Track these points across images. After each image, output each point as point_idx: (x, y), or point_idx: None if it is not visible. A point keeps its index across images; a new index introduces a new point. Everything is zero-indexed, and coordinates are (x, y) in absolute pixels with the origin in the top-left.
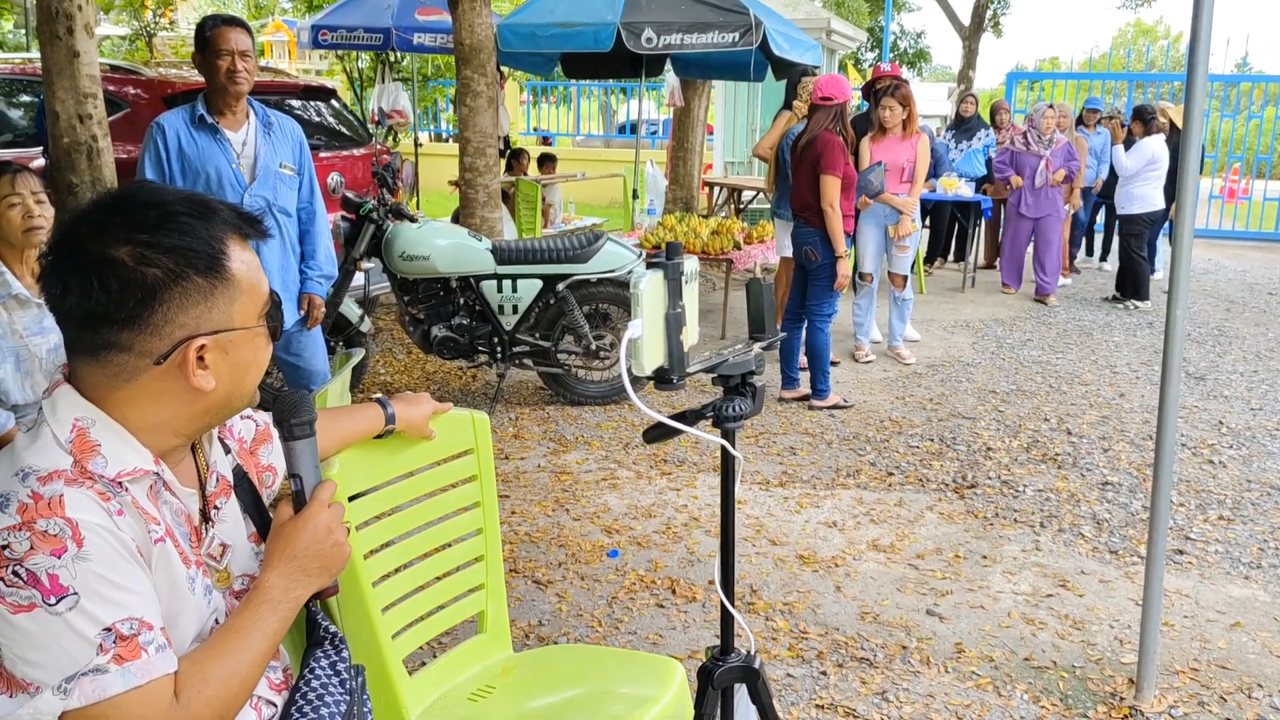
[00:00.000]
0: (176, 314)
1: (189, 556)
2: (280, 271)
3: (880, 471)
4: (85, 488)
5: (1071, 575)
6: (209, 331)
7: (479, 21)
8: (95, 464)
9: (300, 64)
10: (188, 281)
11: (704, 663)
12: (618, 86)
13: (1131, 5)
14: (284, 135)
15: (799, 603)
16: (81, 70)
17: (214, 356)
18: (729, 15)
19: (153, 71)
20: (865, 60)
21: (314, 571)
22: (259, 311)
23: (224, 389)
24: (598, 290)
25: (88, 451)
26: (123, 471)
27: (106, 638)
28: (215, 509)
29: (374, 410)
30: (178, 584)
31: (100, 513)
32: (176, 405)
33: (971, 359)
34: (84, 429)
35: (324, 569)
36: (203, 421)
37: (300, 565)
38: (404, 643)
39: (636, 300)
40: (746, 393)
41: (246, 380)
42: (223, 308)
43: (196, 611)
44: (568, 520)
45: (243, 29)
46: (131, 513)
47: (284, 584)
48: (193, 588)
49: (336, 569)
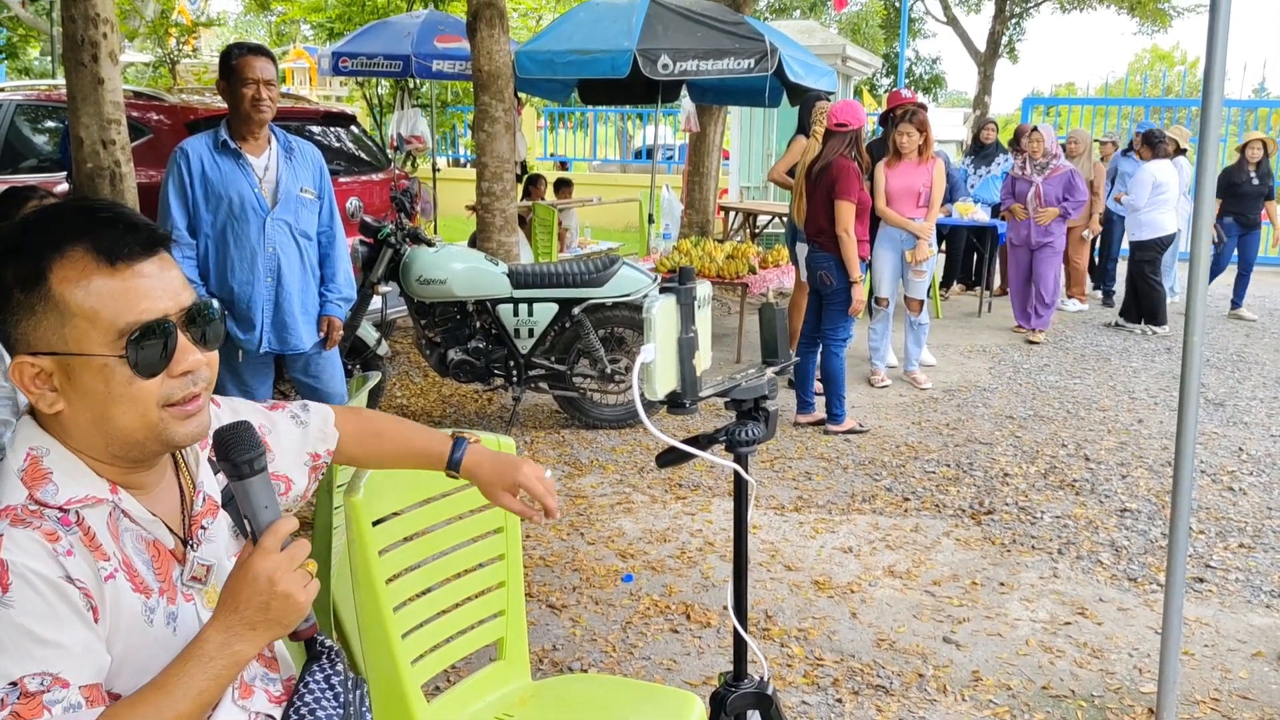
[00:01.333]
0: (12, 330)
1: (150, 586)
2: (300, 294)
3: (896, 497)
4: (31, 528)
5: (1090, 603)
6: (33, 350)
7: (497, 48)
8: (45, 492)
9: (321, 90)
10: (9, 297)
11: (716, 689)
12: (634, 112)
13: (1148, 31)
14: (305, 160)
15: (814, 629)
16: (106, 97)
17: (61, 380)
18: (744, 42)
19: (176, 97)
20: (881, 86)
21: (259, 625)
22: (109, 340)
23: (83, 416)
24: (613, 314)
25: (39, 479)
26: (73, 499)
27: (10, 692)
28: (201, 529)
29: (442, 445)
30: (132, 619)
31: (42, 557)
32: (73, 432)
33: (988, 384)
34: (37, 457)
35: (272, 622)
36: (112, 452)
37: (241, 618)
38: (423, 669)
39: (649, 325)
40: (759, 417)
41: (109, 413)
42: (51, 329)
43: (160, 643)
44: (582, 544)
45: (267, 58)
46: (81, 551)
47: (221, 638)
48: (149, 619)
49: (288, 621)
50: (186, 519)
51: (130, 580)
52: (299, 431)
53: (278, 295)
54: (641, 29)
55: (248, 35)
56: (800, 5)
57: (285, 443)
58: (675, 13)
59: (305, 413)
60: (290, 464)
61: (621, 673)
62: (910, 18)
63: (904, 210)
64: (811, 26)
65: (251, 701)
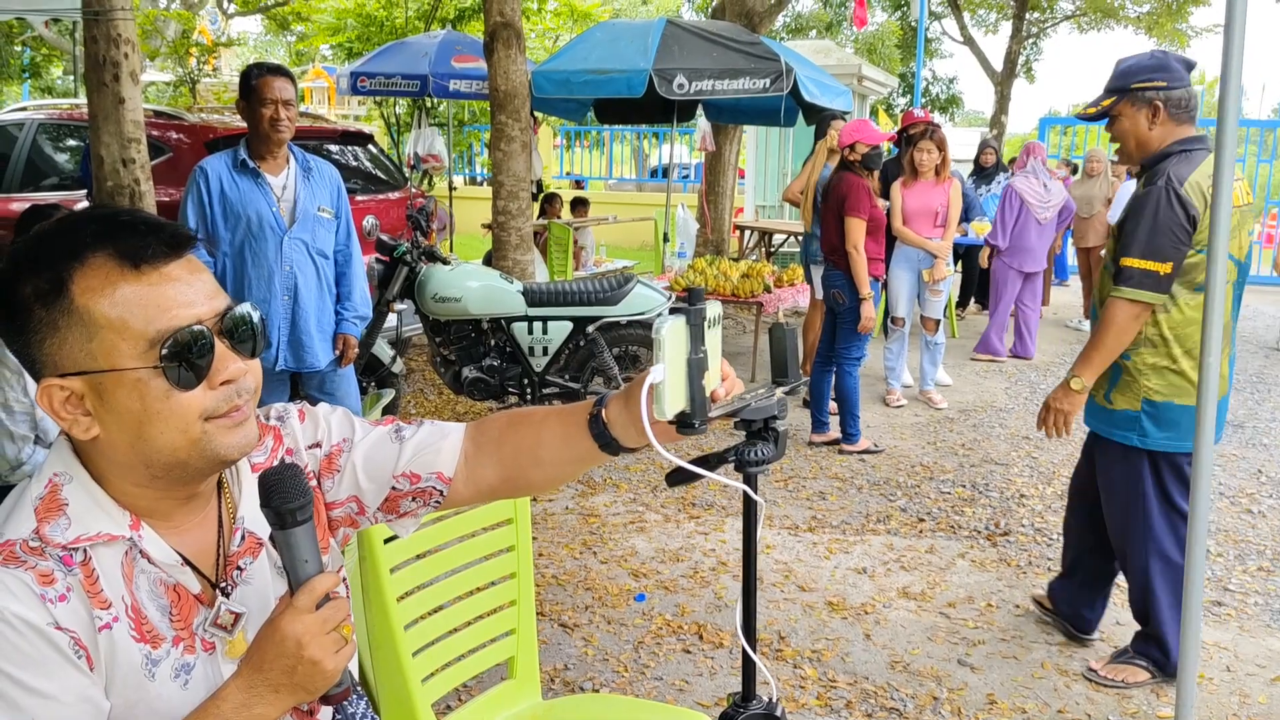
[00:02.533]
0: (35, 352)
1: (161, 635)
2: (316, 312)
3: (911, 517)
4: (23, 568)
5: (1106, 625)
6: (61, 373)
7: (514, 68)
8: (53, 528)
9: (339, 109)
10: (30, 316)
11: (724, 710)
12: (650, 131)
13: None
14: (322, 180)
15: (828, 650)
16: (126, 116)
17: (93, 402)
18: (760, 62)
19: (195, 117)
20: (897, 105)
21: (283, 689)
22: (140, 352)
23: (120, 438)
24: (627, 332)
25: (52, 512)
26: (83, 536)
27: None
28: (238, 570)
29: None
30: (130, 672)
31: (30, 602)
32: (110, 456)
33: (1004, 404)
34: (57, 485)
35: (297, 687)
36: (152, 475)
37: (265, 680)
38: (433, 687)
39: (658, 345)
40: (769, 437)
41: (147, 432)
42: (77, 345)
43: (164, 699)
44: (595, 563)
45: (287, 78)
46: (78, 597)
47: (241, 698)
48: (150, 673)
49: (314, 688)
50: (222, 559)
51: (136, 629)
52: (392, 447)
53: (294, 313)
54: (657, 49)
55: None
56: (816, 25)
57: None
58: (691, 33)
59: (418, 429)
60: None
61: (633, 693)
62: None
63: (921, 230)
64: (828, 46)
65: None
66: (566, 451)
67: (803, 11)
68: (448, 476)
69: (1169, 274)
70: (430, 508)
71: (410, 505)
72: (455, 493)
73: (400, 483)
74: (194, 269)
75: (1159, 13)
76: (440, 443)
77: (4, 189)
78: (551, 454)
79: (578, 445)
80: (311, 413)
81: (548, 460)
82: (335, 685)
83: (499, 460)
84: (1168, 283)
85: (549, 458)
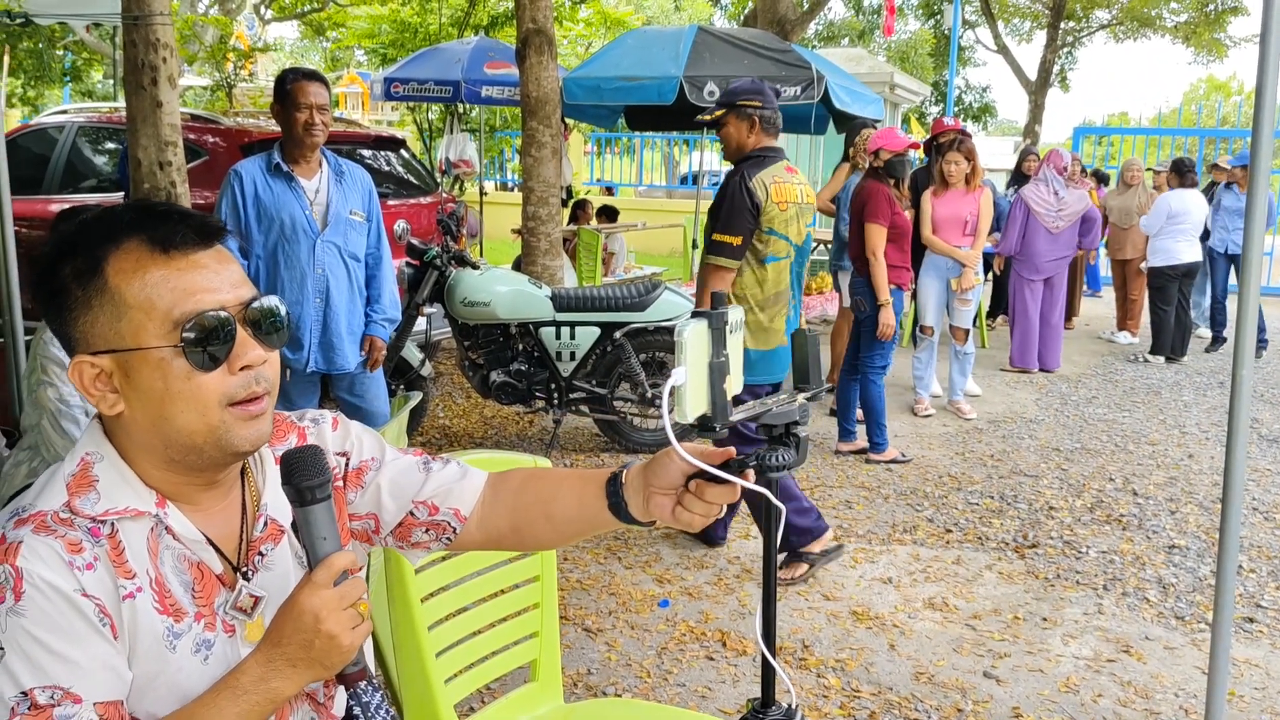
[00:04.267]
0: (71, 329)
1: (183, 609)
2: (347, 315)
3: (938, 528)
4: (54, 536)
5: (1135, 641)
6: (93, 350)
7: (545, 75)
8: (84, 501)
9: (372, 114)
10: (68, 295)
11: (744, 715)
12: (680, 138)
13: (1203, 61)
14: (355, 183)
15: (851, 660)
16: (164, 119)
17: (120, 380)
18: (792, 69)
19: (231, 121)
20: (929, 114)
21: (300, 663)
22: (164, 332)
23: (142, 417)
24: (654, 339)
25: (83, 488)
26: (111, 509)
27: (21, 702)
28: (260, 555)
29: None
30: (152, 643)
31: (59, 567)
32: (134, 435)
33: (1034, 415)
34: (89, 463)
35: (314, 662)
36: (170, 457)
37: (283, 654)
38: (456, 688)
39: (680, 348)
40: (790, 442)
41: (167, 411)
42: (108, 324)
43: (185, 671)
44: (619, 568)
45: (321, 83)
46: (105, 566)
47: (259, 672)
48: (172, 644)
49: (331, 663)
50: (244, 544)
51: (159, 601)
52: (418, 475)
53: (326, 316)
54: (689, 56)
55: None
56: (849, 33)
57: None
58: (722, 40)
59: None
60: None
61: (655, 699)
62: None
63: (950, 239)
64: (859, 54)
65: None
66: (578, 510)
67: (835, 20)
68: (464, 515)
69: (739, 245)
70: (441, 544)
71: (422, 536)
72: (468, 533)
73: (419, 510)
74: (222, 259)
75: (1197, 22)
76: (463, 482)
77: (44, 190)
78: (563, 511)
79: (590, 505)
80: (345, 424)
81: (558, 517)
82: (352, 664)
83: (513, 509)
84: (740, 252)
85: (560, 514)
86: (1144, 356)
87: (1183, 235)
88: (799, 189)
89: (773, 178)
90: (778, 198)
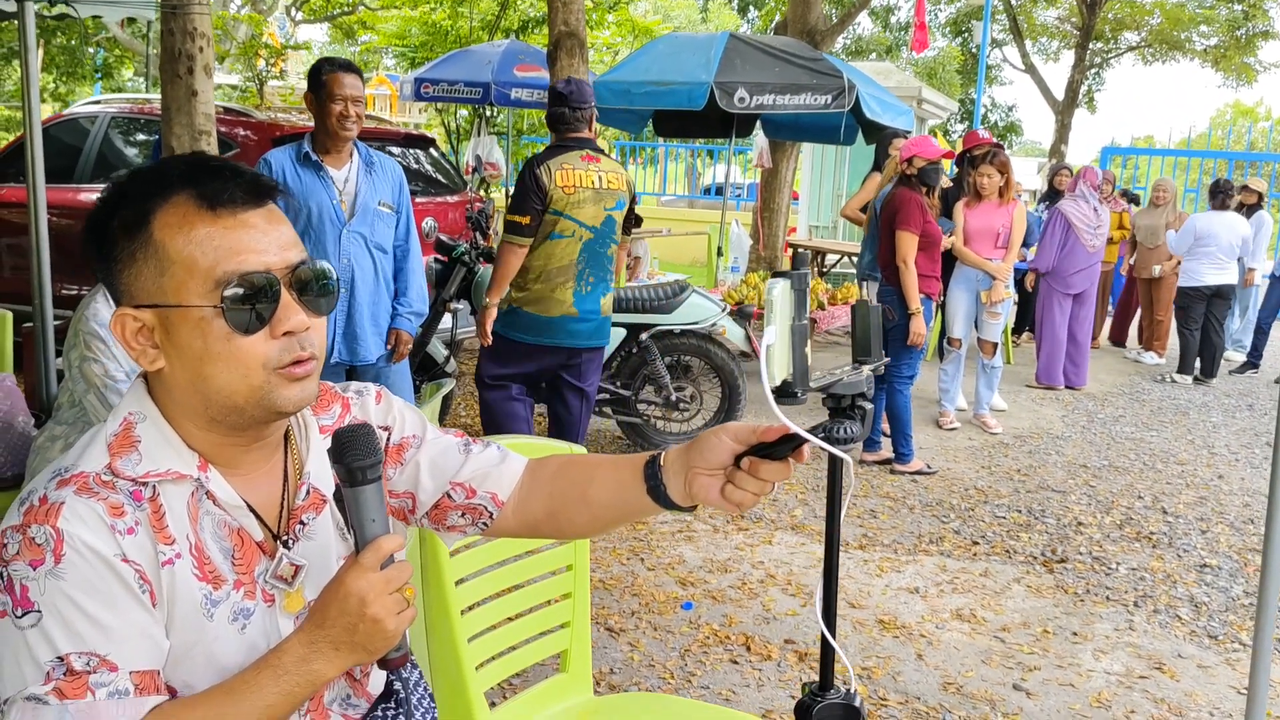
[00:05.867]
0: (117, 280)
1: (223, 576)
2: (370, 306)
3: (965, 540)
4: (96, 499)
5: (1168, 658)
6: (136, 304)
7: (576, 77)
8: (126, 462)
9: (401, 116)
10: (116, 245)
11: (801, 698)
12: (704, 149)
13: (1232, 85)
14: (384, 174)
15: (878, 668)
16: (198, 109)
17: (161, 336)
18: (823, 78)
19: (263, 114)
20: (955, 131)
21: (343, 646)
22: (206, 291)
23: (182, 375)
24: (680, 342)
25: (125, 448)
26: (153, 471)
27: (56, 666)
28: (301, 524)
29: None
30: (190, 610)
31: (100, 531)
32: (175, 394)
33: (1061, 432)
34: (131, 423)
35: (357, 646)
36: (211, 416)
37: (326, 636)
38: (486, 675)
39: (770, 306)
40: (856, 415)
41: (206, 371)
42: (151, 278)
43: (222, 640)
44: (642, 570)
45: (356, 75)
46: (145, 531)
47: (301, 652)
48: (209, 612)
49: (375, 648)
50: (285, 512)
51: (198, 567)
52: (458, 456)
53: (350, 306)
54: (720, 62)
55: None
56: (876, 49)
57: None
58: (754, 47)
59: (485, 448)
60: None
61: None
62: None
63: (982, 251)
64: (888, 68)
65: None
66: (615, 494)
67: (863, 35)
68: (501, 500)
69: (528, 224)
70: (477, 528)
71: (458, 520)
72: (504, 519)
73: (455, 492)
74: (273, 219)
75: (1227, 46)
76: (502, 466)
77: (76, 180)
78: (600, 496)
79: (628, 490)
80: (388, 398)
81: (595, 502)
82: (394, 649)
83: (549, 495)
84: (529, 230)
85: (597, 499)
86: (1171, 376)
87: (1208, 257)
88: (597, 175)
89: (560, 165)
90: (563, 182)
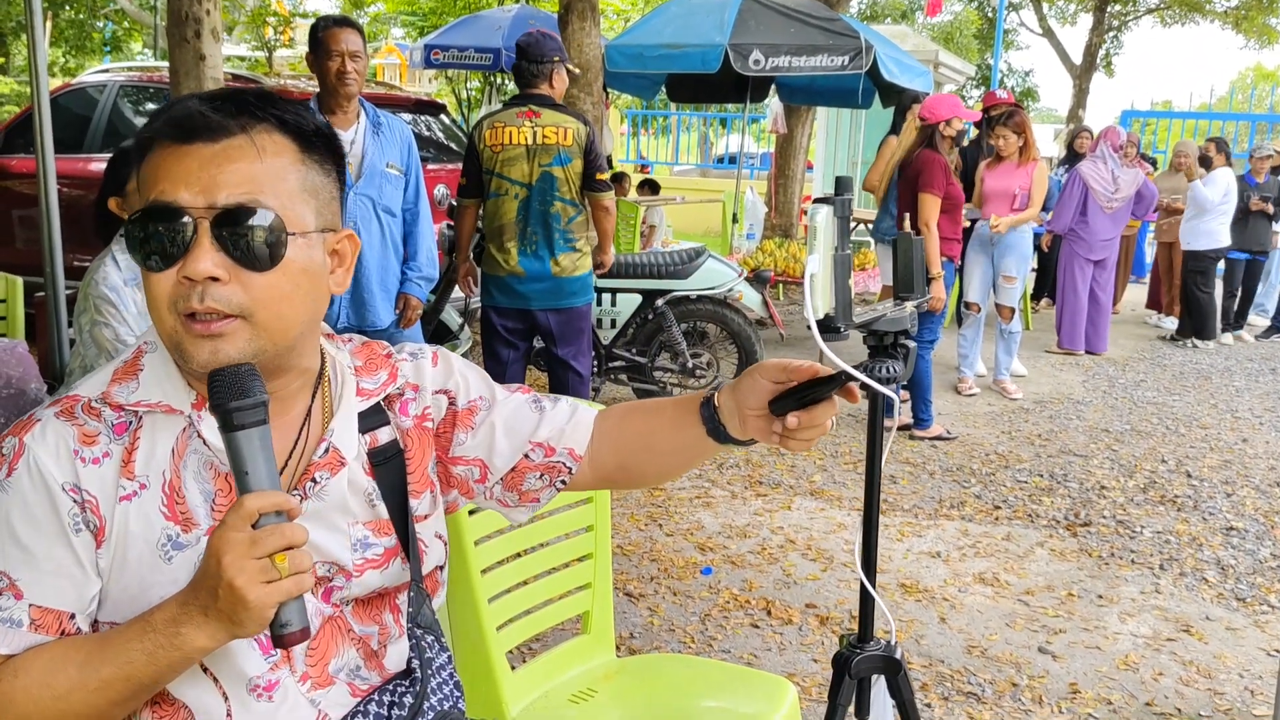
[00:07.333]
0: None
1: (195, 520)
2: (379, 270)
3: (986, 505)
4: (72, 423)
5: (1195, 620)
6: None
7: (588, 41)
8: (123, 389)
9: (411, 85)
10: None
11: (839, 650)
12: (717, 118)
13: (1254, 47)
14: (393, 136)
15: (901, 631)
16: (206, 73)
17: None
18: (839, 39)
19: (272, 80)
20: (970, 96)
21: (210, 613)
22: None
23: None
24: (697, 308)
25: (127, 375)
26: (145, 401)
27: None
28: (313, 481)
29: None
30: (145, 550)
31: (61, 455)
32: None
33: (1082, 397)
34: (141, 351)
35: (223, 615)
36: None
37: (196, 598)
38: (508, 636)
39: (814, 234)
40: (899, 354)
41: (152, 312)
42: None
43: (178, 585)
44: (660, 535)
45: (354, 29)
46: (115, 464)
47: (173, 612)
48: (166, 555)
49: (239, 619)
50: (297, 465)
51: (167, 505)
52: (532, 414)
53: (357, 271)
54: (734, 24)
55: None
56: (891, 13)
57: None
58: (769, 8)
59: (555, 404)
60: (503, 440)
61: None
62: (1004, 28)
63: (1000, 211)
64: (904, 32)
65: (326, 694)
66: (677, 438)
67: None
68: (579, 454)
69: (467, 184)
70: (554, 489)
71: (535, 482)
72: (581, 474)
73: (534, 453)
74: (228, 156)
75: (1248, 6)
76: (574, 419)
77: (85, 149)
78: (663, 442)
79: (688, 432)
80: (446, 358)
81: (659, 449)
82: (282, 625)
83: (618, 446)
84: (470, 190)
85: (661, 446)
86: (1193, 344)
87: (1226, 217)
88: (532, 131)
89: (493, 123)
90: (490, 140)
